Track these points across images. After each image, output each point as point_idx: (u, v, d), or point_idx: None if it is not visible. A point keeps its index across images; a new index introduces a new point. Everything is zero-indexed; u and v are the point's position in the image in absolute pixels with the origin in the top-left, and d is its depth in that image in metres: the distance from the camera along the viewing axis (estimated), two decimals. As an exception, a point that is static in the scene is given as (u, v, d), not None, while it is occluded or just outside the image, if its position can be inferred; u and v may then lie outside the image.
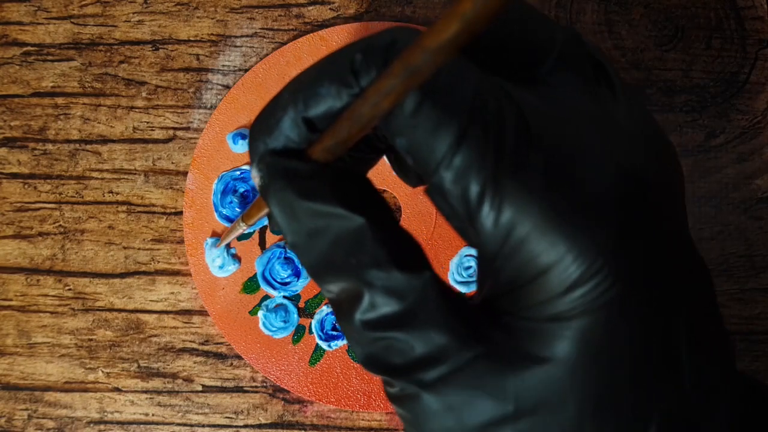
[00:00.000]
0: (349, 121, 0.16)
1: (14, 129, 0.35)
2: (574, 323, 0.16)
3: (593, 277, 0.16)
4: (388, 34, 0.17)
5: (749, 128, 0.34)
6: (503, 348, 0.16)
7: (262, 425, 0.34)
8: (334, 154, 0.17)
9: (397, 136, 0.16)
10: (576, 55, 0.18)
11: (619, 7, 0.35)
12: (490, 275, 0.17)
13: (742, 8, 0.34)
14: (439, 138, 0.16)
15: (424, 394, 0.17)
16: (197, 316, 0.34)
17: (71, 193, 0.35)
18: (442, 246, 0.34)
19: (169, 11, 0.35)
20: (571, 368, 0.16)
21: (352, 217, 0.17)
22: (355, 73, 0.16)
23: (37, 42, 0.35)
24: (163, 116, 0.35)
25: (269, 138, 0.18)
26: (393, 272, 0.16)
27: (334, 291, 0.17)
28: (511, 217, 0.16)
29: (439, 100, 0.16)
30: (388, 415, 0.34)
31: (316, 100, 0.17)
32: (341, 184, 0.17)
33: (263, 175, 0.17)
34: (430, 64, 0.13)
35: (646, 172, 0.17)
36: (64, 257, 0.35)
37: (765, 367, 0.34)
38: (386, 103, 0.15)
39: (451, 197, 0.16)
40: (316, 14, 0.35)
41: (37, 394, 0.35)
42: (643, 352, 0.16)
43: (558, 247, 0.16)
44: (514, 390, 0.16)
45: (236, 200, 0.34)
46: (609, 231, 0.16)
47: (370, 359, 0.17)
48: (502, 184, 0.16)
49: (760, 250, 0.34)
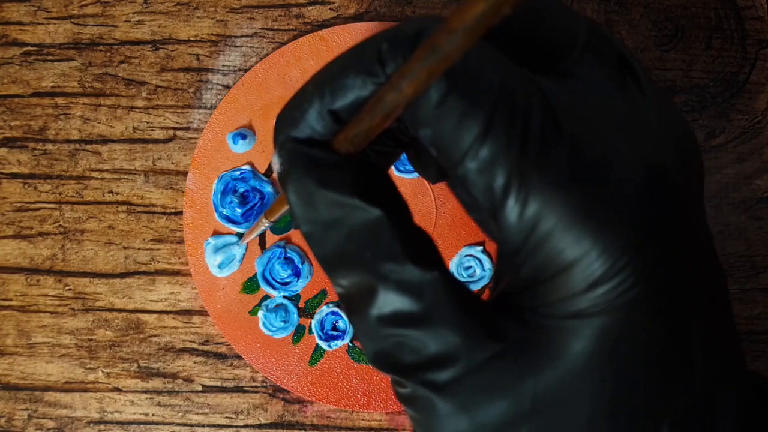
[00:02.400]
0: (373, 110, 0.15)
1: (14, 129, 0.35)
2: (595, 321, 0.16)
3: (617, 275, 0.15)
4: (417, 22, 0.16)
5: (749, 128, 0.34)
6: (520, 346, 0.16)
7: (262, 425, 0.34)
8: (357, 145, 0.17)
9: (421, 127, 0.16)
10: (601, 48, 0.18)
11: (619, 7, 0.35)
12: (510, 270, 0.17)
13: (742, 8, 0.34)
14: (465, 129, 0.16)
15: (436, 396, 0.16)
16: (197, 316, 0.34)
17: (71, 193, 0.35)
18: (442, 246, 0.34)
19: (169, 11, 0.35)
20: (589, 366, 0.16)
21: (370, 209, 0.16)
22: (382, 62, 0.16)
23: (37, 42, 0.35)
24: (163, 116, 0.35)
25: (294, 130, 0.17)
26: (408, 267, 0.16)
27: (346, 285, 0.17)
28: (536, 211, 0.15)
29: (465, 91, 0.16)
30: (388, 415, 0.34)
31: (342, 91, 0.17)
32: (361, 175, 0.17)
33: (284, 161, 0.17)
34: (456, 46, 0.13)
35: (673, 169, 0.17)
36: (64, 257, 0.35)
37: (765, 367, 0.34)
38: (411, 89, 0.14)
39: (475, 189, 0.16)
40: (316, 14, 0.35)
41: (37, 394, 0.35)
42: (659, 353, 0.16)
43: (583, 242, 0.15)
44: (532, 389, 0.16)
45: (236, 200, 0.34)
46: (634, 228, 0.16)
47: (381, 357, 0.17)
48: (528, 176, 0.15)
49: (760, 250, 0.34)
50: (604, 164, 0.16)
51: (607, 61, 0.18)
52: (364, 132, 0.16)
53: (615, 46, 0.18)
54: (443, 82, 0.16)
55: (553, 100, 0.16)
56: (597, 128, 0.16)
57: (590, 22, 0.18)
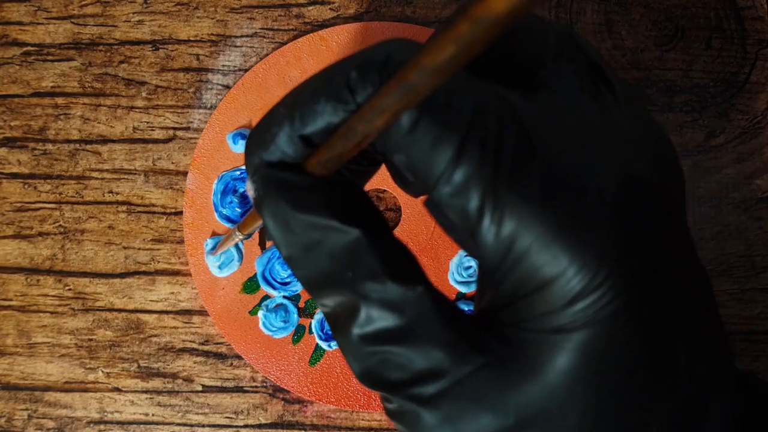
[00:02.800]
0: (344, 137, 0.16)
1: (14, 129, 0.35)
2: (575, 335, 0.16)
3: (596, 290, 0.15)
4: (384, 48, 0.16)
5: (749, 128, 0.34)
6: (503, 360, 0.16)
7: (262, 425, 0.34)
8: (330, 168, 0.17)
9: (395, 152, 0.16)
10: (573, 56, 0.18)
11: (619, 7, 0.35)
12: (491, 287, 0.17)
13: (742, 8, 0.34)
14: (437, 153, 0.16)
15: (422, 410, 0.16)
16: (197, 316, 0.34)
17: (71, 193, 0.35)
18: (442, 246, 0.34)
19: (169, 11, 0.35)
20: (572, 380, 0.16)
21: (347, 229, 0.16)
22: (351, 90, 0.16)
23: (37, 42, 0.35)
24: (163, 116, 0.35)
25: (265, 152, 0.17)
26: (389, 284, 0.16)
27: (330, 305, 0.17)
28: (512, 230, 0.16)
29: (436, 116, 0.16)
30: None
31: (312, 116, 0.17)
32: (336, 196, 0.17)
33: (257, 187, 0.17)
34: (425, 84, 0.13)
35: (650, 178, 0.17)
36: (64, 257, 0.35)
37: (765, 367, 0.34)
38: (381, 121, 0.15)
39: (450, 212, 0.16)
40: (316, 14, 0.35)
41: (37, 394, 0.35)
42: (643, 363, 0.16)
43: (560, 259, 0.15)
44: (515, 402, 0.16)
45: (236, 200, 0.34)
46: (612, 242, 0.16)
47: (367, 374, 0.17)
48: (502, 196, 0.16)
49: (760, 250, 0.34)
50: (579, 178, 0.16)
51: (579, 71, 0.18)
52: (336, 157, 0.16)
53: (587, 54, 0.18)
54: (414, 109, 0.16)
55: (526, 117, 0.16)
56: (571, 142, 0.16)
57: (560, 30, 0.18)
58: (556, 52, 0.18)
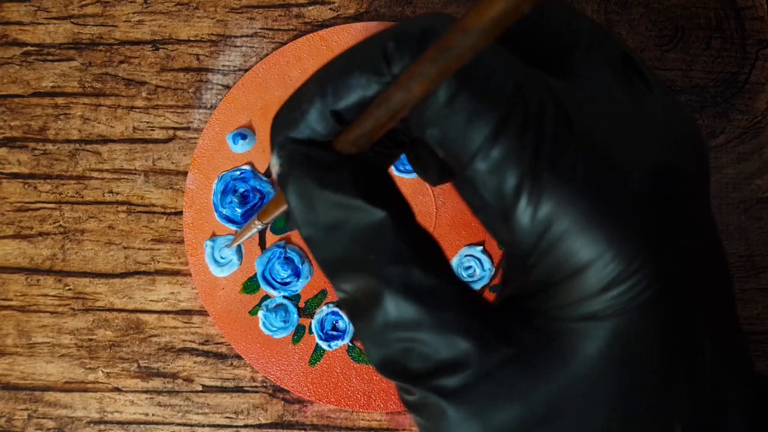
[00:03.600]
0: (379, 110, 0.15)
1: (14, 129, 0.35)
2: (608, 323, 0.15)
3: (630, 277, 0.15)
4: (423, 20, 0.16)
5: (749, 128, 0.34)
6: (532, 350, 0.16)
7: (262, 425, 0.34)
8: (360, 146, 0.16)
9: (429, 126, 0.16)
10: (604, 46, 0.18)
11: (619, 7, 0.35)
12: (520, 273, 0.16)
13: (742, 8, 0.34)
14: (475, 129, 0.15)
15: (446, 403, 0.16)
16: (197, 316, 0.34)
17: (71, 193, 0.35)
18: (442, 246, 0.34)
19: (169, 11, 0.35)
20: (602, 369, 0.15)
21: (373, 210, 0.16)
22: (388, 61, 0.16)
23: (37, 42, 0.35)
24: (163, 116, 0.35)
25: (294, 131, 0.17)
26: (414, 270, 0.16)
27: (348, 290, 0.17)
28: (549, 213, 0.15)
29: (475, 90, 0.15)
30: (388, 415, 0.34)
31: (346, 90, 0.16)
32: (363, 176, 0.16)
33: (283, 162, 0.17)
34: (469, 47, 0.12)
35: (683, 167, 0.17)
36: (64, 257, 0.35)
37: (765, 367, 0.34)
38: (419, 89, 0.14)
39: (484, 190, 0.16)
40: (316, 14, 0.35)
41: (37, 394, 0.35)
42: (671, 353, 0.16)
43: (598, 244, 0.15)
44: (545, 393, 0.16)
45: (236, 200, 0.34)
46: (648, 230, 0.15)
47: (388, 363, 0.16)
48: (541, 178, 0.15)
49: (760, 250, 0.34)
50: (618, 164, 0.16)
51: (612, 60, 0.18)
52: (368, 133, 0.16)
53: (618, 45, 0.18)
54: (453, 81, 0.15)
55: (565, 99, 0.16)
56: (608, 127, 0.16)
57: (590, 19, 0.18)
58: (589, 39, 0.18)
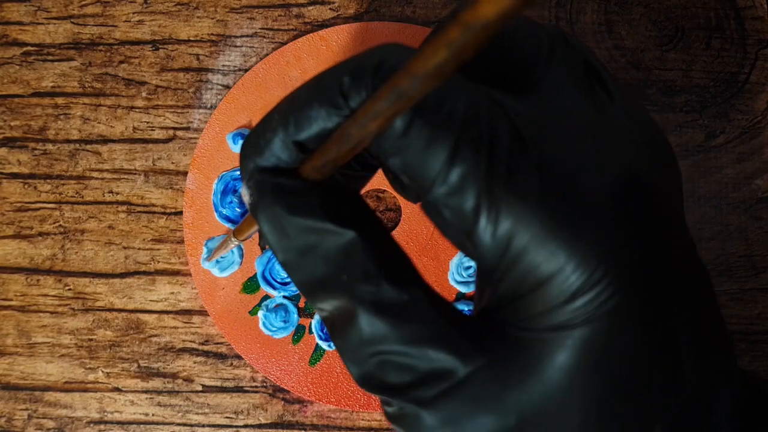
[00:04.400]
0: (338, 142, 0.16)
1: (14, 129, 0.35)
2: (575, 332, 0.16)
3: (595, 286, 0.15)
4: (376, 53, 0.16)
5: (749, 128, 0.34)
6: (504, 359, 0.16)
7: (262, 425, 0.34)
8: (325, 173, 0.17)
9: (389, 156, 0.16)
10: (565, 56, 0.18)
11: (619, 7, 0.35)
12: (489, 287, 0.17)
13: (742, 8, 0.34)
14: (432, 155, 0.16)
15: (423, 412, 0.16)
16: (197, 316, 0.34)
17: (71, 193, 0.35)
18: (442, 246, 0.34)
19: (169, 11, 0.35)
20: (573, 377, 0.16)
21: (342, 231, 0.16)
22: (344, 95, 0.16)
23: (37, 42, 0.35)
24: (163, 116, 0.35)
25: (260, 158, 0.17)
26: (384, 286, 0.16)
27: (327, 309, 0.17)
28: (508, 229, 0.16)
29: (429, 118, 0.16)
30: (388, 415, 0.34)
31: (307, 122, 0.17)
32: (331, 199, 0.17)
33: (252, 192, 0.17)
34: (418, 89, 0.13)
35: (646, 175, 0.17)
36: (64, 257, 0.35)
37: (765, 367, 0.34)
38: (375, 126, 0.15)
39: (446, 212, 0.16)
40: (316, 14, 0.35)
41: (37, 394, 0.35)
42: (645, 358, 0.16)
43: (558, 256, 0.15)
44: (517, 402, 0.16)
45: (236, 200, 0.34)
46: (610, 238, 0.16)
47: (366, 378, 0.17)
48: (498, 195, 0.16)
49: (760, 250, 0.34)
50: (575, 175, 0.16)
51: (573, 70, 0.18)
52: (331, 162, 0.16)
53: (580, 53, 0.18)
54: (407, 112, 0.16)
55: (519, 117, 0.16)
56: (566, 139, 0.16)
57: (552, 30, 0.18)
58: (549, 52, 0.18)
